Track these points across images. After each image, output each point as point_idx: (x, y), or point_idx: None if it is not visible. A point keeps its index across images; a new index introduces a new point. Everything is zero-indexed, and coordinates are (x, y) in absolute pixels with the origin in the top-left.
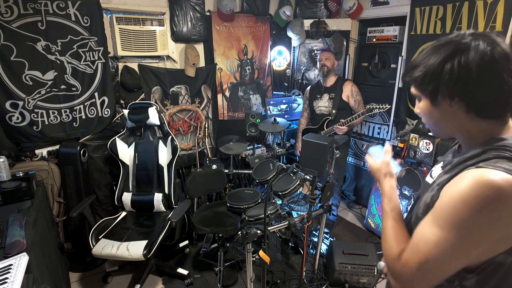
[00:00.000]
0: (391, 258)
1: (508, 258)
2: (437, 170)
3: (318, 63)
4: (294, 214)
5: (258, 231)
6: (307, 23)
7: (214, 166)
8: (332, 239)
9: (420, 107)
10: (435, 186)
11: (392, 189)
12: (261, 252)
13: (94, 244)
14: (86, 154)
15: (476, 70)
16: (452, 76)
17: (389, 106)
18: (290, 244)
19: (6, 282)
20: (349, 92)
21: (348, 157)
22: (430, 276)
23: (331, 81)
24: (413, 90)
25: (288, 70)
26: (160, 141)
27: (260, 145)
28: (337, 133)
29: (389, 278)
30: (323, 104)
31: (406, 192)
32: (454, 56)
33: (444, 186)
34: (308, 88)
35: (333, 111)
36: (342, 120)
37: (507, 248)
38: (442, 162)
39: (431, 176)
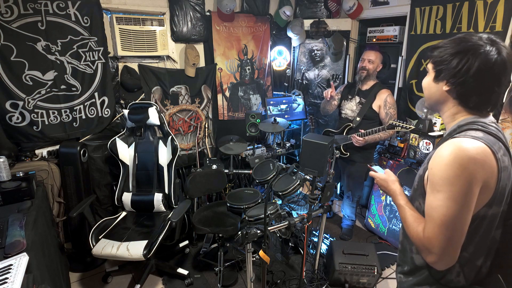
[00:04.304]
0: (417, 237)
1: (489, 210)
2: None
3: (359, 62)
4: (294, 214)
5: (258, 231)
6: (307, 23)
7: (214, 166)
8: (332, 239)
9: (425, 79)
10: (426, 161)
11: (401, 189)
12: (261, 252)
13: (94, 244)
14: (86, 154)
15: (474, 71)
16: (456, 68)
17: (413, 127)
18: (290, 244)
19: (6, 282)
20: (382, 102)
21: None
22: (454, 234)
23: (367, 85)
24: (428, 65)
25: (288, 70)
26: (160, 141)
27: (260, 145)
28: (354, 143)
29: (425, 256)
30: (351, 107)
31: (406, 192)
32: (466, 53)
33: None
34: (344, 84)
35: (357, 119)
36: (362, 131)
37: (487, 201)
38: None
39: None
